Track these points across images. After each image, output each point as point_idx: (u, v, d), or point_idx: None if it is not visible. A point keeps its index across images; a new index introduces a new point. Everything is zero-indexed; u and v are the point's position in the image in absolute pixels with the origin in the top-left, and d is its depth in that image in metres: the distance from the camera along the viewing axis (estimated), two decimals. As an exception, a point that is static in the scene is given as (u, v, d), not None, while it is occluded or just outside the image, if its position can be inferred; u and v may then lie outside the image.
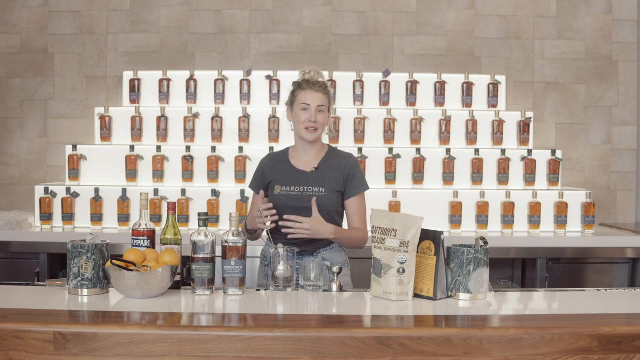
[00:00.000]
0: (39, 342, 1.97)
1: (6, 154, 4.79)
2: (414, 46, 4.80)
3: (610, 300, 2.52)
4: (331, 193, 2.90)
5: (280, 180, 2.93)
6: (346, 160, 2.97)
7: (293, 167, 2.96)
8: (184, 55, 4.77)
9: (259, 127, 4.34)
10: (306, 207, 2.84)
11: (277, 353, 1.96)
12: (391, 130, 4.31)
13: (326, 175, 2.92)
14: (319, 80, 2.93)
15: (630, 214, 4.84)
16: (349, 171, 2.94)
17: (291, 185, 2.91)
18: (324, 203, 2.87)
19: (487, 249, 2.41)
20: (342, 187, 2.93)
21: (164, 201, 4.08)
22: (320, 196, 2.87)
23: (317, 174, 2.92)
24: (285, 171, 2.95)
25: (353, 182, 2.94)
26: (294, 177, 2.93)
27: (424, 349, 1.97)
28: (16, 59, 4.78)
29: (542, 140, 4.76)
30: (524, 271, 4.06)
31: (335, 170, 2.93)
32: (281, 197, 2.90)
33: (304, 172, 2.94)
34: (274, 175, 2.96)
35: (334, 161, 2.96)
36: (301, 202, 2.87)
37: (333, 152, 3.01)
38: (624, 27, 4.82)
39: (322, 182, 2.90)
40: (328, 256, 2.91)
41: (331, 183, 2.91)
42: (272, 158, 3.05)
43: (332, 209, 2.91)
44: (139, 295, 2.33)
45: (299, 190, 2.90)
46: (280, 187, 2.92)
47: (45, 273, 3.86)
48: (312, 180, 2.91)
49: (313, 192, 2.88)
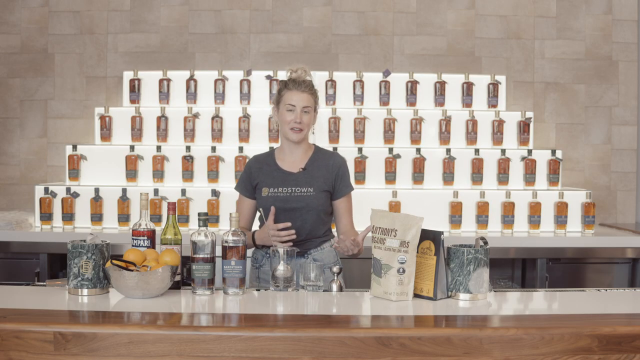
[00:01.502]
0: (39, 342, 1.97)
1: (6, 154, 4.79)
2: (414, 46, 4.80)
3: (610, 300, 2.52)
4: (319, 193, 2.89)
5: (268, 182, 2.92)
6: (334, 159, 2.97)
7: (280, 168, 2.94)
8: (184, 55, 4.77)
9: (259, 127, 4.34)
10: (295, 207, 2.85)
11: (277, 353, 1.96)
12: (391, 130, 4.31)
13: (314, 175, 2.91)
14: (305, 80, 2.90)
15: (630, 214, 4.84)
16: (338, 170, 2.94)
17: (278, 186, 2.90)
18: (312, 203, 2.87)
19: (487, 249, 2.41)
20: (331, 186, 2.92)
21: (164, 201, 4.08)
22: (308, 196, 2.87)
23: (304, 174, 2.92)
24: (271, 173, 2.94)
25: (342, 181, 2.94)
26: (281, 179, 2.92)
27: (424, 349, 1.97)
28: (16, 59, 4.78)
29: (542, 140, 4.76)
30: (524, 271, 4.06)
31: (323, 169, 2.93)
32: (269, 199, 2.89)
33: (292, 173, 2.92)
34: (261, 177, 2.94)
35: (321, 161, 2.95)
36: (289, 203, 2.86)
37: (319, 151, 3.00)
38: (624, 27, 4.82)
39: (310, 182, 2.89)
40: (319, 257, 2.91)
41: (319, 183, 2.90)
42: (258, 160, 3.02)
43: (321, 208, 2.90)
44: (139, 295, 2.33)
45: (287, 192, 2.88)
46: (268, 189, 2.90)
47: (45, 273, 3.86)
48: (300, 180, 2.90)
49: (301, 193, 2.88)
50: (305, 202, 2.86)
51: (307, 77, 2.92)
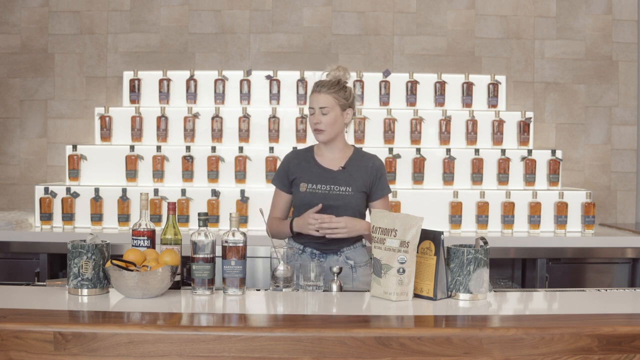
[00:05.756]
0: (39, 342, 1.97)
1: (6, 154, 4.79)
2: (414, 46, 4.80)
3: (610, 300, 2.52)
4: (357, 193, 2.89)
5: (306, 178, 2.91)
6: (373, 161, 2.96)
7: (319, 165, 2.93)
8: (184, 55, 4.77)
9: (259, 127, 4.34)
10: (333, 205, 2.84)
11: (277, 353, 1.96)
12: (391, 130, 4.31)
13: (353, 175, 2.91)
14: (325, 80, 2.90)
15: (630, 214, 4.84)
16: (377, 173, 2.94)
17: (317, 183, 2.89)
18: (350, 202, 2.87)
19: (487, 249, 2.41)
20: (369, 188, 2.92)
21: (164, 201, 4.08)
22: (347, 195, 2.87)
23: (344, 173, 2.91)
24: (310, 169, 2.93)
25: (380, 184, 2.94)
26: (321, 175, 2.91)
27: (424, 349, 1.97)
28: (16, 59, 4.78)
29: (542, 140, 4.77)
30: (524, 271, 4.06)
31: (362, 170, 2.92)
32: (307, 195, 2.88)
33: (331, 171, 2.92)
34: (299, 172, 2.93)
35: (360, 162, 2.94)
36: (328, 200, 2.86)
37: (358, 152, 3.00)
38: (624, 27, 4.82)
39: (349, 182, 2.89)
40: (351, 255, 2.91)
41: (358, 183, 2.90)
42: (297, 155, 3.01)
43: (357, 209, 2.90)
44: (139, 295, 2.32)
45: (325, 189, 2.88)
46: (306, 185, 2.89)
47: (45, 273, 3.86)
48: (339, 179, 2.90)
49: (340, 191, 2.87)
50: (343, 201, 2.86)
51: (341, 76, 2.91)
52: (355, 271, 2.89)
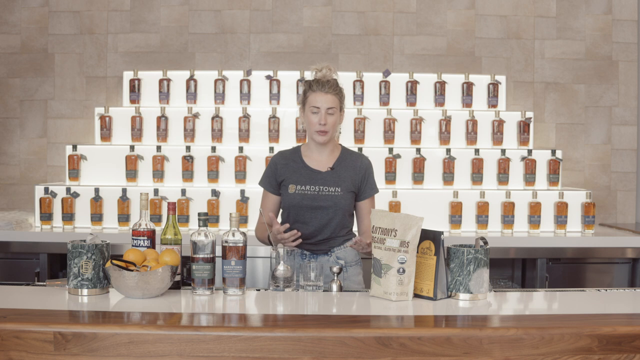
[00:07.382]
0: (39, 342, 1.97)
1: (6, 154, 4.79)
2: (414, 46, 4.80)
3: (610, 300, 2.52)
4: (346, 193, 2.90)
5: (295, 179, 2.91)
6: (361, 161, 2.96)
7: (307, 166, 2.93)
8: (184, 55, 4.77)
9: (259, 127, 4.34)
10: (322, 206, 2.85)
11: (277, 353, 1.96)
12: (391, 130, 4.31)
13: (342, 175, 2.91)
14: (330, 80, 2.87)
15: (630, 214, 4.84)
16: (365, 172, 2.94)
17: (306, 184, 2.89)
18: (340, 203, 2.87)
19: (487, 249, 2.41)
20: (357, 187, 2.93)
21: (164, 201, 4.08)
22: (336, 196, 2.87)
23: (332, 174, 2.91)
24: (299, 170, 2.93)
25: (368, 183, 2.95)
26: (309, 176, 2.91)
27: (424, 349, 1.97)
28: (16, 59, 4.78)
29: (542, 140, 4.77)
30: (524, 271, 4.06)
31: (351, 170, 2.92)
32: (297, 196, 2.88)
33: (319, 172, 2.92)
34: (287, 173, 2.93)
35: (349, 162, 2.95)
36: (317, 201, 2.86)
37: (347, 152, 2.99)
38: (624, 27, 4.82)
39: (337, 182, 2.89)
40: (342, 254, 2.92)
41: (347, 183, 2.90)
42: (284, 156, 2.99)
43: (347, 208, 2.91)
44: (139, 295, 2.33)
45: (314, 190, 2.88)
46: (295, 186, 2.90)
47: (45, 273, 3.86)
48: (328, 179, 2.90)
49: (329, 192, 2.87)
50: (333, 201, 2.86)
51: (333, 76, 2.89)
52: (346, 271, 2.90)
